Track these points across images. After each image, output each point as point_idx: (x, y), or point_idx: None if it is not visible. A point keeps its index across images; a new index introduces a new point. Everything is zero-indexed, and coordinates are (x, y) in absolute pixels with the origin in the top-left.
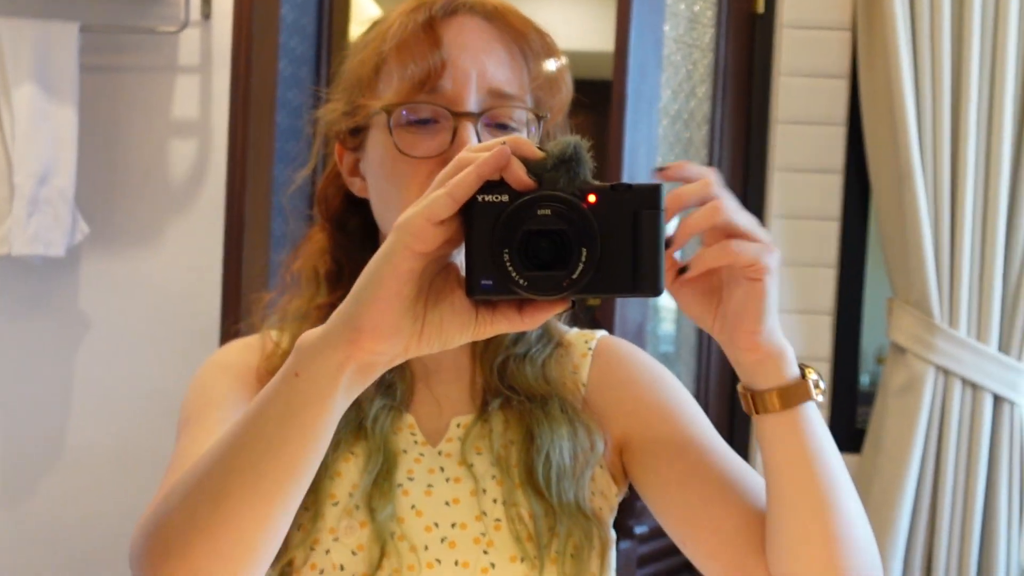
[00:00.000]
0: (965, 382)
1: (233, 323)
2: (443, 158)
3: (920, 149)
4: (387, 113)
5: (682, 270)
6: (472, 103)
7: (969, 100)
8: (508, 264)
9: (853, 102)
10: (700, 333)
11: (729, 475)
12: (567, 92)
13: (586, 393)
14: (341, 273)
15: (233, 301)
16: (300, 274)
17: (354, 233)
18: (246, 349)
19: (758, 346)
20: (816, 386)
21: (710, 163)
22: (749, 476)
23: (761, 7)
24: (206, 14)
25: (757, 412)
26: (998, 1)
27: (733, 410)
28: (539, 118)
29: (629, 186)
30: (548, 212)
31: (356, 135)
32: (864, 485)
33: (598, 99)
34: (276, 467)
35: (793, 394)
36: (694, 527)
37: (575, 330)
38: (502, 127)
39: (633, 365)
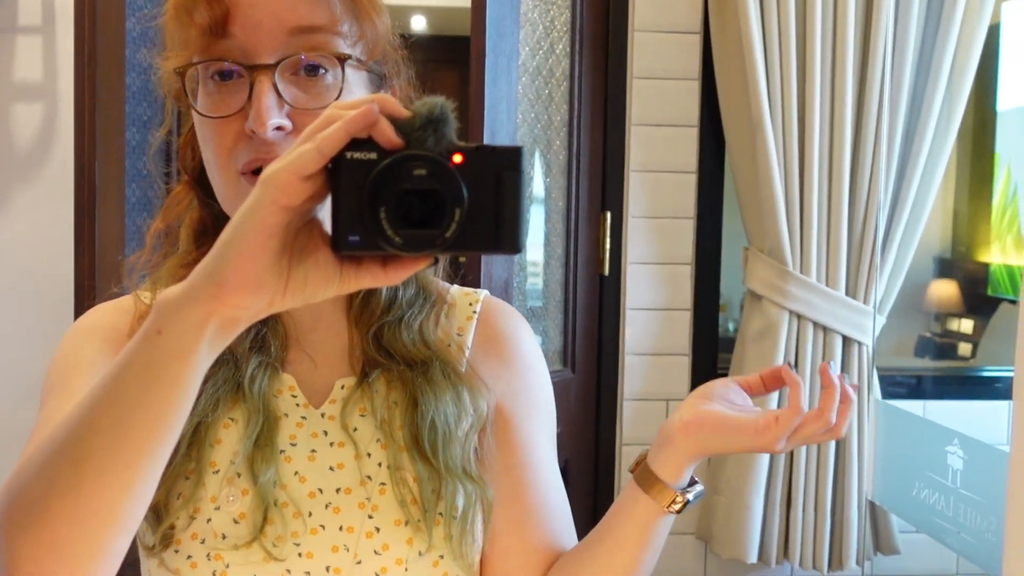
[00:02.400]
0: (817, 325)
1: (88, 291)
2: (244, 114)
3: (770, 103)
4: (180, 75)
5: None
6: (268, 53)
7: (815, 56)
8: (384, 221)
9: (706, 58)
10: (566, 288)
11: (544, 507)
12: (385, 26)
13: (470, 356)
14: (207, 229)
15: (87, 269)
16: (167, 233)
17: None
18: (116, 311)
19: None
20: (680, 502)
21: (570, 119)
22: (559, 513)
23: None
24: None
25: (645, 491)
26: None
27: (599, 362)
28: (343, 60)
29: (493, 148)
30: (424, 172)
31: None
32: None
33: (460, 55)
34: (139, 428)
35: (681, 501)
36: (492, 539)
37: (456, 287)
38: (311, 69)
39: (516, 347)
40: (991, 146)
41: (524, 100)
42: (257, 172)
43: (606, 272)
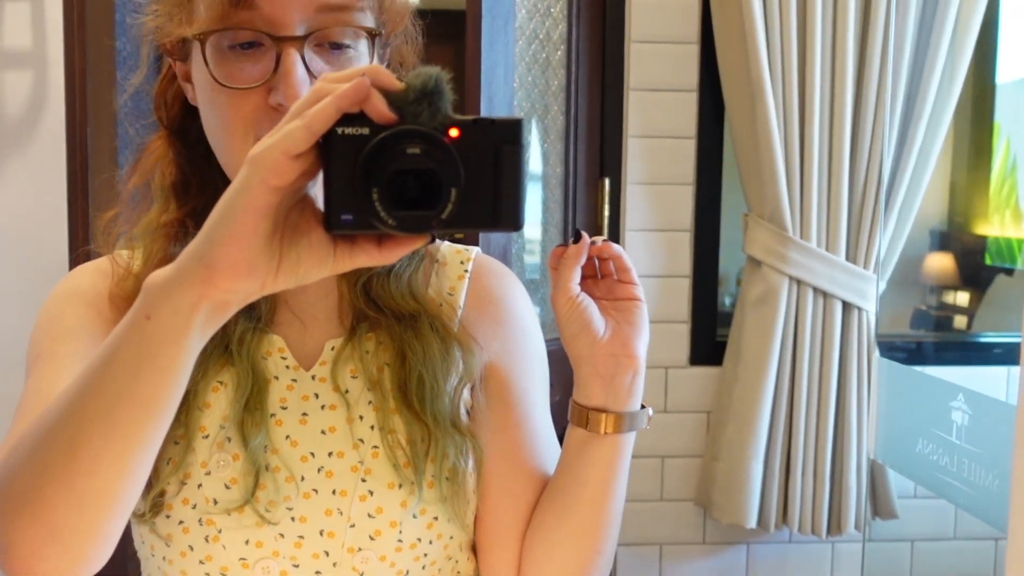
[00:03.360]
0: (817, 291)
1: (82, 258)
2: (268, 86)
3: (770, 69)
4: (200, 42)
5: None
6: (296, 24)
7: (815, 20)
8: (377, 203)
9: (705, 21)
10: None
11: (539, 466)
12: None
13: (462, 315)
14: (188, 185)
15: (81, 235)
16: (143, 188)
17: (196, 142)
18: (96, 273)
19: (612, 370)
20: (645, 417)
21: (568, 84)
22: (549, 468)
23: None
24: None
25: (588, 429)
26: None
27: None
28: (374, 36)
29: (492, 120)
30: (417, 151)
31: (184, 44)
32: (726, 393)
33: (455, 29)
34: (132, 412)
35: (632, 421)
36: (483, 496)
37: (446, 244)
38: (336, 46)
39: (509, 307)
40: (990, 118)
41: (521, 64)
42: None
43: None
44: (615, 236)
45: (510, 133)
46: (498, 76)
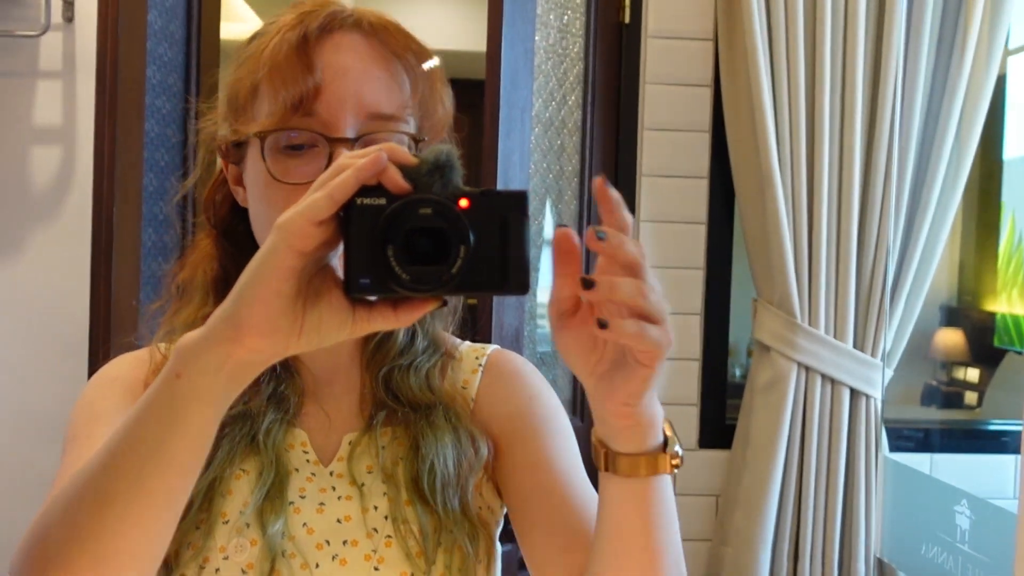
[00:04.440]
0: (825, 377)
1: (103, 334)
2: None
3: (779, 156)
4: (260, 139)
5: (601, 325)
6: (348, 128)
7: (823, 110)
8: (392, 259)
9: (716, 110)
10: None
11: (582, 523)
12: (447, 111)
13: (474, 407)
14: (228, 281)
15: (102, 313)
16: (187, 284)
17: (241, 240)
18: (135, 362)
19: (629, 415)
20: (674, 458)
21: (582, 169)
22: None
23: (627, 18)
24: (68, 18)
25: (607, 471)
26: (846, 16)
27: None
28: (416, 141)
29: (498, 192)
30: (429, 212)
31: (238, 148)
32: (734, 479)
33: (471, 99)
34: (160, 470)
35: (651, 464)
36: (542, 566)
37: (466, 344)
38: None
39: (519, 378)
40: (997, 195)
41: (537, 150)
42: None
43: None
44: None
45: (516, 203)
46: (514, 163)
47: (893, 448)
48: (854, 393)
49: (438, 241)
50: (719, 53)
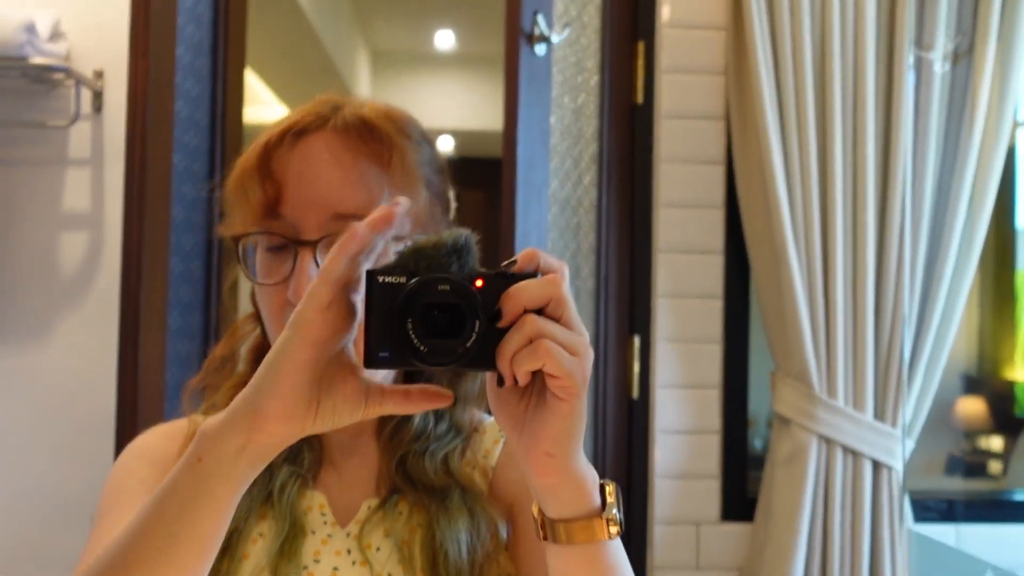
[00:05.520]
0: (846, 450)
1: (131, 416)
2: (288, 284)
3: (793, 229)
4: (235, 241)
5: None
6: (310, 230)
7: (835, 183)
8: (411, 332)
9: (730, 186)
10: (596, 411)
11: None
12: (436, 197)
13: (493, 476)
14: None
15: (129, 396)
16: (226, 360)
17: None
18: (167, 435)
19: (551, 470)
20: (612, 523)
21: (598, 247)
22: None
23: (640, 98)
24: (97, 108)
25: (545, 539)
26: (856, 91)
27: (630, 485)
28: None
29: (512, 274)
30: (447, 288)
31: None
32: (757, 552)
33: (488, 176)
34: (182, 546)
35: (586, 530)
36: None
37: (491, 418)
38: None
39: None
40: (1012, 263)
41: (554, 229)
42: None
43: (635, 395)
44: (645, 392)
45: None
46: (532, 241)
47: (918, 519)
48: (876, 465)
49: (454, 317)
50: (731, 131)
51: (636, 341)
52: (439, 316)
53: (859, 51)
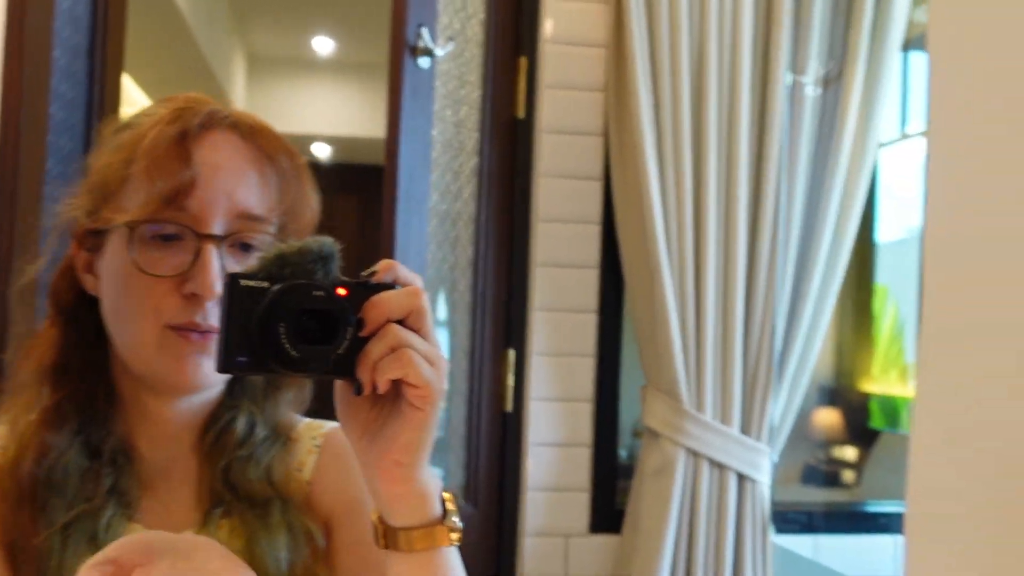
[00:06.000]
0: (712, 463)
1: None
2: (183, 277)
3: (667, 246)
4: (130, 229)
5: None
6: (216, 225)
7: (709, 201)
8: (283, 336)
9: (607, 202)
10: (469, 424)
11: None
12: (313, 213)
13: (310, 490)
14: (68, 368)
15: None
16: (24, 371)
17: (86, 329)
18: None
19: (400, 479)
20: (453, 531)
21: (476, 260)
22: None
23: (521, 113)
24: None
25: (387, 547)
26: (731, 112)
27: (501, 498)
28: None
29: (374, 284)
30: (321, 294)
31: (96, 236)
32: (625, 564)
33: (364, 182)
34: None
35: (428, 537)
36: None
37: (305, 422)
38: (245, 247)
39: (353, 460)
40: (870, 277)
41: (432, 241)
42: (190, 330)
43: (509, 408)
44: (520, 405)
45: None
46: (411, 254)
47: (779, 530)
48: (741, 478)
49: (325, 324)
50: (609, 147)
51: (511, 354)
52: (309, 322)
53: (735, 73)
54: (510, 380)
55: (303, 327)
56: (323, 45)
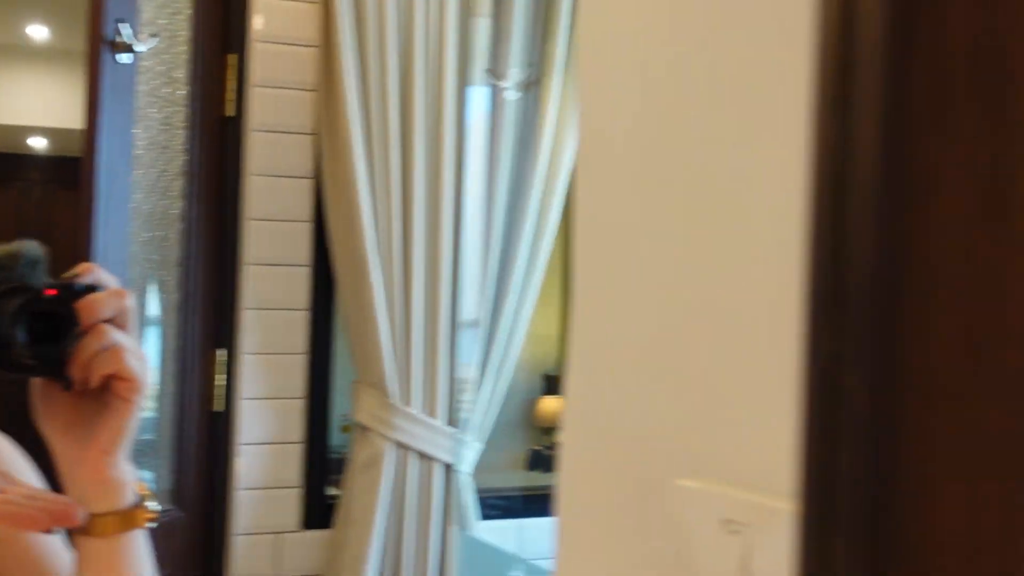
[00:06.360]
0: (421, 455)
1: None
2: None
3: (376, 244)
4: None
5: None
6: None
7: (416, 201)
8: (15, 339)
9: (318, 201)
10: (177, 425)
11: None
12: None
13: None
14: None
15: None
16: None
17: None
18: None
19: (105, 467)
20: (148, 513)
21: (185, 260)
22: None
23: (231, 111)
24: None
25: (84, 534)
26: (437, 113)
27: (211, 499)
28: None
29: (82, 286)
30: (55, 294)
31: None
32: (336, 558)
33: (77, 175)
34: None
35: (124, 521)
36: None
37: None
38: None
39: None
40: None
41: (136, 241)
42: None
43: (219, 408)
44: (230, 404)
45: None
46: (111, 255)
47: (486, 516)
48: (448, 468)
49: (51, 325)
50: (320, 146)
51: (222, 354)
52: (36, 324)
53: (440, 76)
54: (220, 380)
55: (33, 329)
56: (37, 32)
